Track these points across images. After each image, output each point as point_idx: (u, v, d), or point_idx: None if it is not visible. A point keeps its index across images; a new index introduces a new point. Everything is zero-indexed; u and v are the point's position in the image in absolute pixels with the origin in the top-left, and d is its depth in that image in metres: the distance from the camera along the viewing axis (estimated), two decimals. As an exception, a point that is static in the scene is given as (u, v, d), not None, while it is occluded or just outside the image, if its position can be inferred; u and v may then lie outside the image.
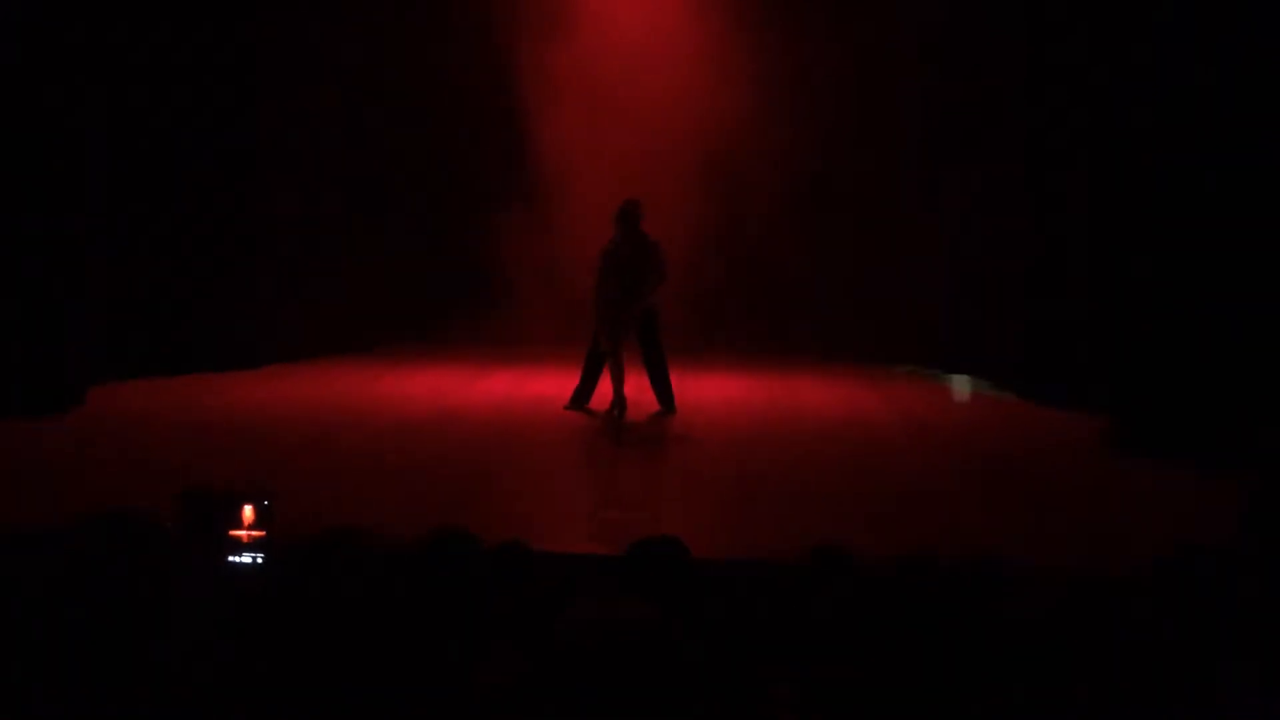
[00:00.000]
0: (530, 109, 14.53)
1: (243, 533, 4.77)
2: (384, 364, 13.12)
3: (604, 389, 10.41)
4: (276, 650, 2.63)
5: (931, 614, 3.12)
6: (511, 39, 14.43)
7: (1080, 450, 9.47)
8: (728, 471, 8.42)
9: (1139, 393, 9.30)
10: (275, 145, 12.82)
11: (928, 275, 13.97)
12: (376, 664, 2.76)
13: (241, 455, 8.39)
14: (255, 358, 12.40)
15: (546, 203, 14.65)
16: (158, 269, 11.50)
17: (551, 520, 7.12)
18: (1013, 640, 2.90)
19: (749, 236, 15.55)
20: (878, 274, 14.97)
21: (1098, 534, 7.04)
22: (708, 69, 14.63)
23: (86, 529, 2.87)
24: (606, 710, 2.14)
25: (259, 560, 4.64)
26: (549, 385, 11.48)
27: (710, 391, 11.86)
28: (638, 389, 10.74)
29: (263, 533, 4.77)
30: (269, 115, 12.66)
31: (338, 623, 2.71)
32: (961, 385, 12.99)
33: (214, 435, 9.13)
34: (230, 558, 4.79)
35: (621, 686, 2.07)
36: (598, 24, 14.65)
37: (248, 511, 4.77)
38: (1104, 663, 2.74)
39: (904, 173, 14.41)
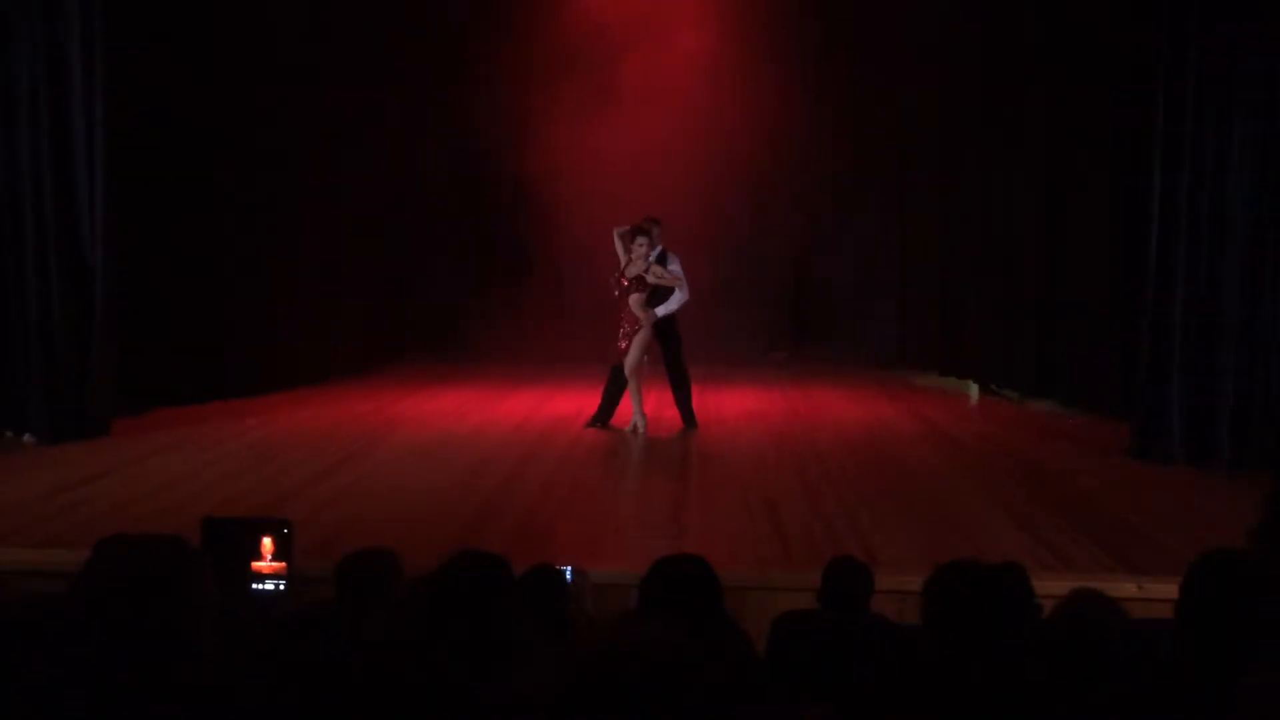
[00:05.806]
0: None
1: (264, 564, 4.77)
2: (404, 386, 13.12)
3: (624, 407, 10.39)
4: (297, 680, 2.61)
5: (961, 629, 3.08)
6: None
7: (1106, 458, 9.41)
8: (750, 487, 8.37)
9: (1164, 400, 9.22)
10: (299, 191, 13.08)
11: (949, 283, 13.91)
12: (399, 692, 2.73)
13: (264, 482, 8.40)
14: (277, 383, 12.43)
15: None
16: (179, 298, 11.55)
17: (573, 539, 7.09)
18: (1044, 654, 2.86)
19: (771, 244, 15.58)
20: (900, 282, 14.93)
21: (1127, 543, 6.98)
22: (729, 81, 14.69)
23: (109, 556, 2.83)
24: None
25: (280, 588, 4.64)
26: (569, 404, 11.47)
27: (732, 405, 11.83)
28: (659, 406, 10.69)
29: (283, 564, 4.76)
30: (293, 167, 12.91)
31: (358, 650, 2.68)
32: (977, 392, 12.92)
33: (236, 462, 9.13)
34: (253, 585, 4.79)
35: (645, 708, 2.03)
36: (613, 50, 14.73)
37: (267, 542, 4.77)
38: (1131, 673, 2.70)
39: (925, 180, 14.36)
